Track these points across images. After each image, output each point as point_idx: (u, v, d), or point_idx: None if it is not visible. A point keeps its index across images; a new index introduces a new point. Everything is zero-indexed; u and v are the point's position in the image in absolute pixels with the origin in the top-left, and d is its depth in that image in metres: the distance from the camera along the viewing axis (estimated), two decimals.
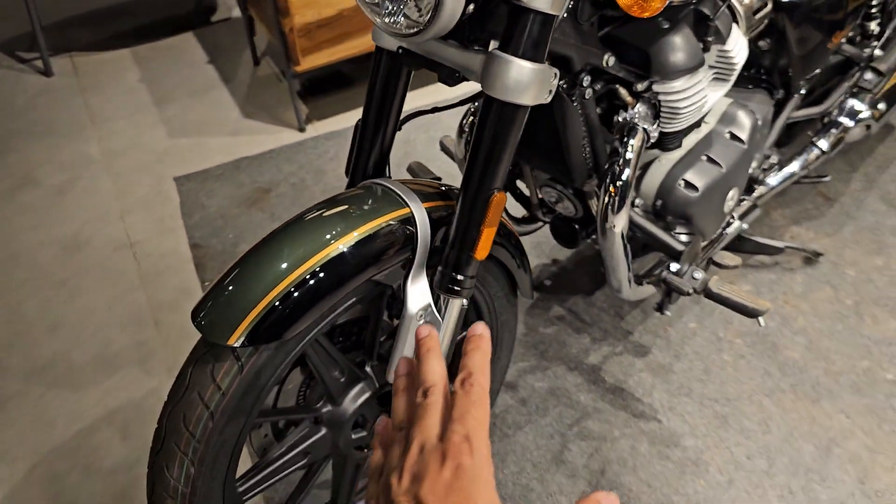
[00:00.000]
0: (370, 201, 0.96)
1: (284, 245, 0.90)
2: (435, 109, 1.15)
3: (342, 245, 0.91)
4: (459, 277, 0.96)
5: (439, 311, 0.99)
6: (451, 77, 0.91)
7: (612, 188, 1.17)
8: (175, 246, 1.99)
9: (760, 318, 1.28)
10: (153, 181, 2.20)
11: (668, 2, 0.95)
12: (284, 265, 0.88)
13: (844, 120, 1.69)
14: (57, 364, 1.73)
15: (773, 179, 1.63)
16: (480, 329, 0.54)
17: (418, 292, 0.98)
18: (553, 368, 1.63)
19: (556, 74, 0.90)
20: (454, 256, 0.96)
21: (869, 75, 1.66)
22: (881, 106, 1.71)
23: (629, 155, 1.16)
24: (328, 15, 2.10)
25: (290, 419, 1.10)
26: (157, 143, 2.34)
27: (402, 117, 1.09)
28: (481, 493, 0.44)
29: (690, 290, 1.27)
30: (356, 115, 2.36)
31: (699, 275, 1.32)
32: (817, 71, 1.53)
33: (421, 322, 0.99)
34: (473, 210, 0.93)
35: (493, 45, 0.92)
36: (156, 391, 1.66)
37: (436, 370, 0.51)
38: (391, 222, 0.95)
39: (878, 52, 1.67)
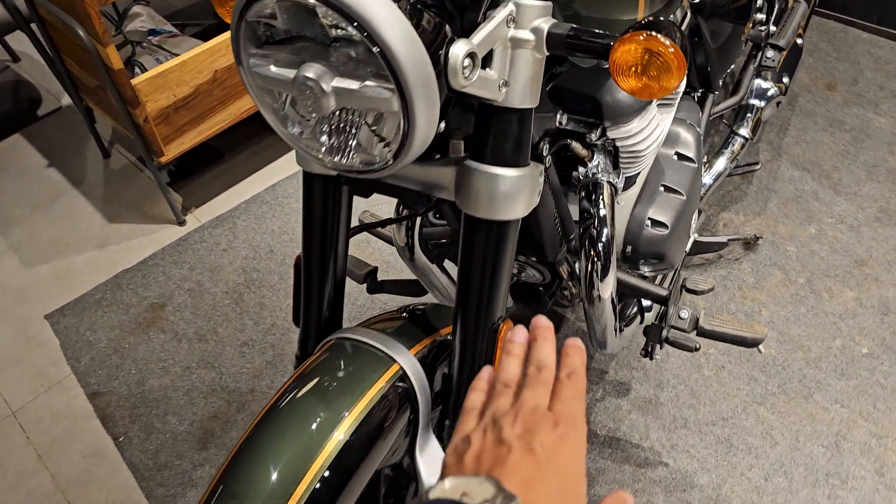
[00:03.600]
0: (350, 368, 0.77)
1: (275, 454, 0.69)
2: (388, 221, 0.96)
3: (341, 435, 0.72)
4: None
5: None
6: (417, 202, 0.73)
7: (592, 252, 1.04)
8: (68, 401, 1.68)
9: (760, 346, 1.20)
10: (18, 327, 1.85)
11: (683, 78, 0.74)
12: (284, 482, 0.68)
13: (756, 102, 1.65)
14: None
15: (707, 178, 1.57)
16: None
17: (430, 457, 0.80)
18: None
19: (541, 171, 0.75)
20: (460, 403, 0.79)
21: (770, 52, 1.63)
22: (784, 80, 1.69)
23: (602, 212, 1.03)
24: (184, 94, 1.84)
25: None
26: (10, 278, 1.98)
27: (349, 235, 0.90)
28: (581, 466, 0.48)
29: (694, 347, 1.16)
30: (238, 191, 2.16)
31: (685, 314, 1.22)
32: (734, 64, 1.47)
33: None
34: (476, 349, 0.77)
35: (453, 146, 0.75)
36: None
37: (550, 356, 0.56)
38: (382, 387, 0.76)
39: (773, 28, 1.64)
